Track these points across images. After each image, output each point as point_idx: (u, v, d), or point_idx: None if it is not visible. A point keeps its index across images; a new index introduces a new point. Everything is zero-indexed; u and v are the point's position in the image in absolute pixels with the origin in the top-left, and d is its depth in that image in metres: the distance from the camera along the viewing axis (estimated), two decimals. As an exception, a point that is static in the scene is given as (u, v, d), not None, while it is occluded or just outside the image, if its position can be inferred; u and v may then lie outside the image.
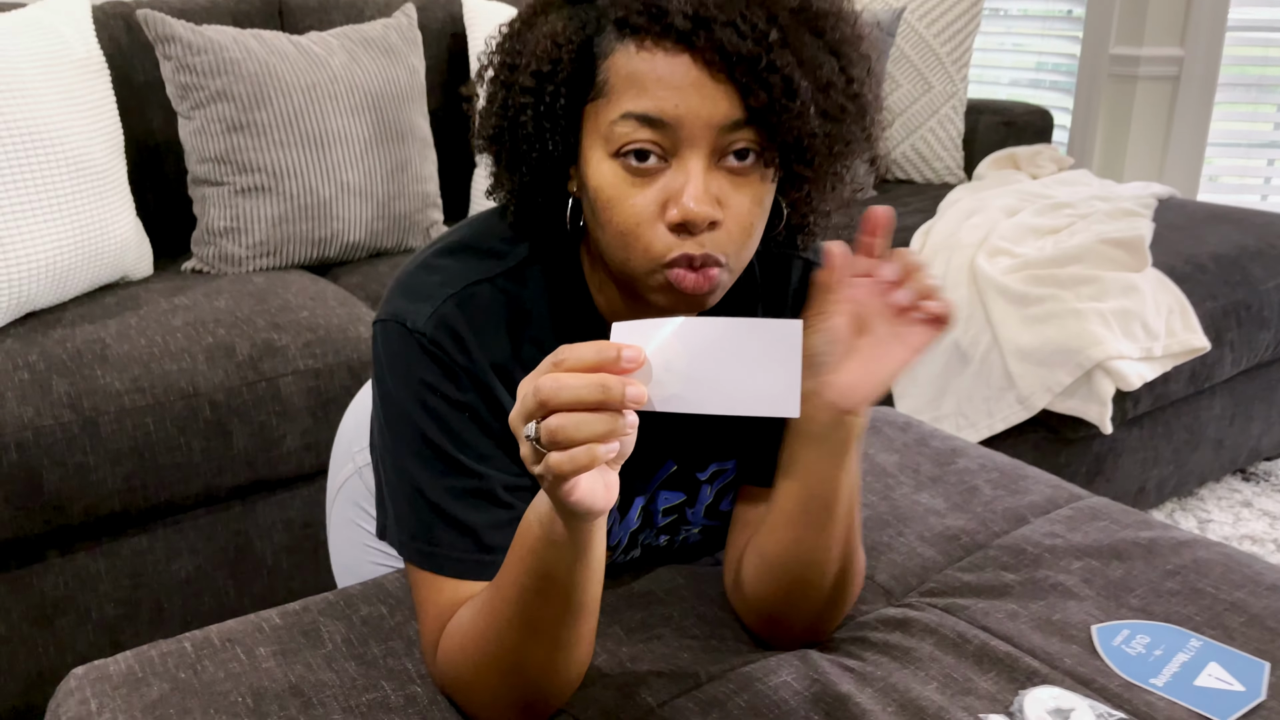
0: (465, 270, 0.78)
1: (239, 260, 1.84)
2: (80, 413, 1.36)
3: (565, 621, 0.70)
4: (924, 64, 2.62)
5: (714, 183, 0.69)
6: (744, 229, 0.71)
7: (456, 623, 0.74)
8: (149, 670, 0.84)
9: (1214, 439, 2.01)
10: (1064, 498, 1.12)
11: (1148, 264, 1.81)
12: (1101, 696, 0.81)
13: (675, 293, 0.71)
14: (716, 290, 0.72)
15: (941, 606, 0.93)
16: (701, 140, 0.68)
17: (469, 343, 0.76)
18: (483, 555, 0.76)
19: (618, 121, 0.68)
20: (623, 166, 0.69)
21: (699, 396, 0.59)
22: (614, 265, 0.74)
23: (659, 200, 0.69)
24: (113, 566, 1.44)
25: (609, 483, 0.61)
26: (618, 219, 0.70)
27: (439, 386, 0.75)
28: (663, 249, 0.69)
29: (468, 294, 0.77)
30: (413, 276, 0.79)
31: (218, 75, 1.79)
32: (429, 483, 0.76)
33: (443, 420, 0.75)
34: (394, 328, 0.77)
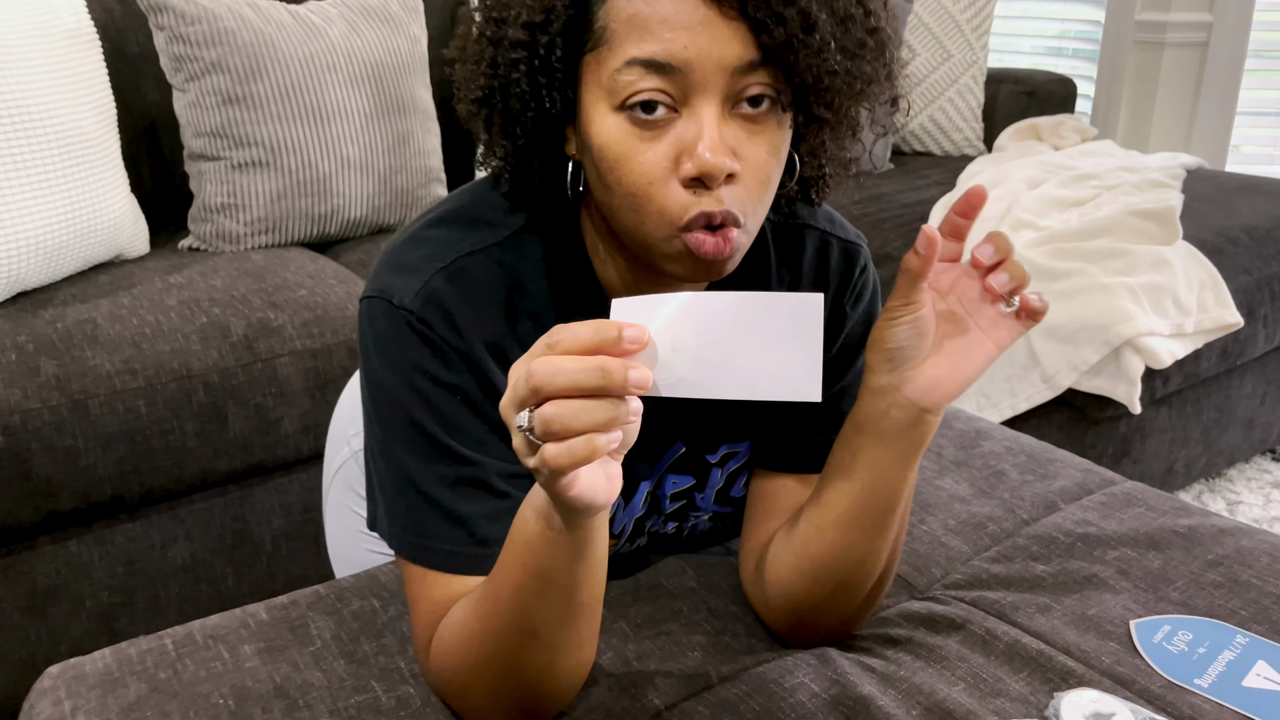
0: (456, 241, 0.72)
1: (237, 237, 1.79)
2: (69, 395, 1.31)
3: (565, 623, 0.64)
4: (943, 31, 2.54)
5: (729, 132, 0.63)
6: (761, 182, 0.65)
7: (450, 621, 0.69)
8: (127, 669, 0.79)
9: (1244, 418, 1.95)
10: (1096, 483, 1.06)
11: (1179, 236, 1.73)
12: (1143, 699, 0.76)
13: (694, 260, 0.65)
14: (735, 255, 0.66)
15: (968, 600, 0.88)
16: (714, 85, 0.62)
17: (460, 320, 0.70)
18: (477, 548, 0.71)
19: (621, 70, 0.62)
20: (629, 120, 0.63)
21: (710, 380, 0.53)
22: (624, 232, 0.67)
23: (671, 155, 0.63)
24: (106, 554, 1.40)
25: (611, 475, 0.55)
26: (627, 179, 0.64)
27: (428, 367, 0.70)
28: (679, 209, 0.63)
29: (458, 267, 0.71)
30: (400, 250, 0.73)
31: (212, 46, 1.73)
32: (419, 470, 0.70)
33: (432, 404, 0.70)
34: (379, 304, 0.71)
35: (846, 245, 0.83)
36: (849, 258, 0.82)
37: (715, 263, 0.65)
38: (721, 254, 0.64)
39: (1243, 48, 2.61)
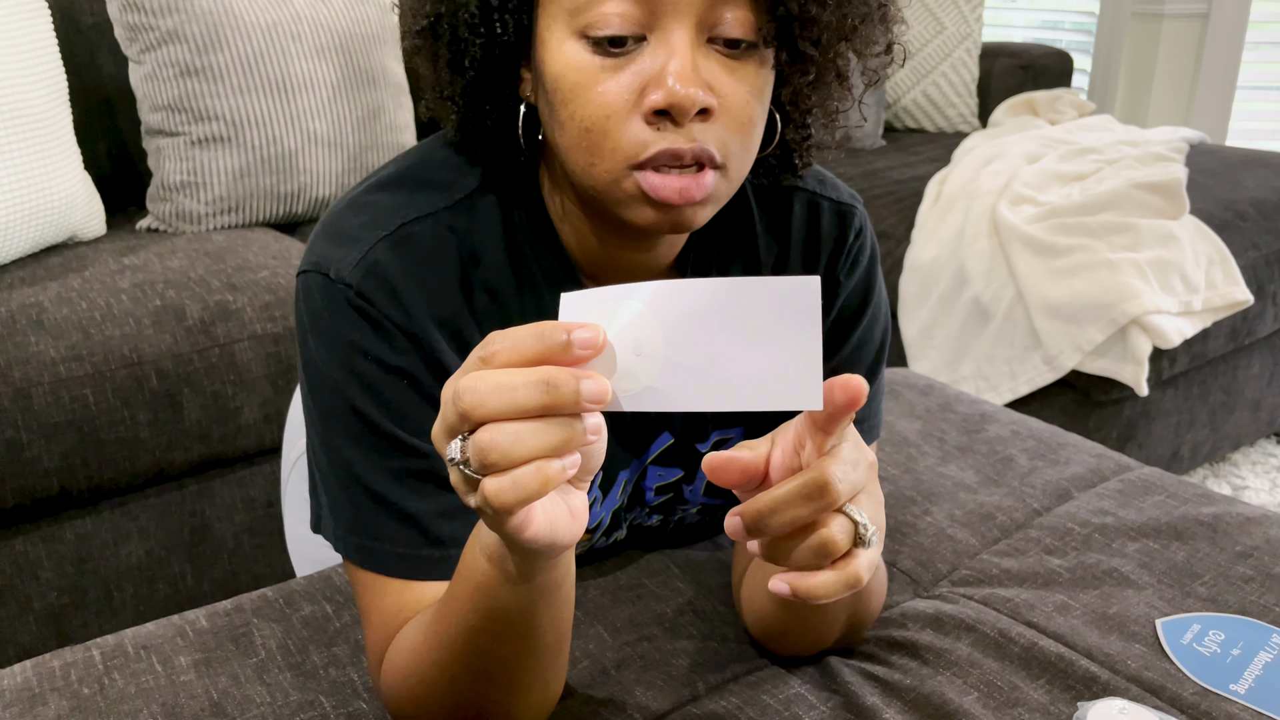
0: (401, 206, 0.64)
1: (197, 217, 1.70)
2: (11, 384, 1.23)
3: (526, 665, 0.56)
4: (936, 3, 2.46)
5: (704, 65, 0.55)
6: (741, 123, 0.56)
7: (400, 644, 0.61)
8: (47, 685, 0.71)
9: (1251, 400, 1.88)
10: (1111, 469, 0.99)
11: (1186, 210, 1.66)
12: (1175, 707, 0.68)
13: (649, 205, 0.56)
14: (709, 203, 0.57)
15: (978, 599, 0.80)
16: (685, 10, 0.54)
17: (404, 295, 0.62)
18: (431, 550, 0.62)
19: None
20: (590, 48, 0.55)
21: (684, 389, 0.43)
22: (575, 176, 0.59)
23: (635, 86, 0.55)
24: (54, 552, 1.31)
25: (575, 507, 0.46)
26: (581, 111, 0.55)
27: (369, 348, 0.61)
28: (635, 146, 0.55)
29: (404, 234, 0.62)
30: (339, 217, 0.64)
31: (169, 14, 1.64)
32: (363, 464, 0.62)
33: (375, 389, 0.61)
34: (315, 279, 0.62)
35: (839, 207, 0.74)
36: (843, 221, 0.74)
37: (678, 208, 0.56)
38: (689, 198, 0.55)
39: (1244, 20, 2.54)
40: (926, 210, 1.83)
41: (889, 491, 0.95)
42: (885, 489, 0.95)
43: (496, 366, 0.42)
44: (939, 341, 1.72)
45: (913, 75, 2.49)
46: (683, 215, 0.57)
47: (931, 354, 1.73)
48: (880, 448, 1.02)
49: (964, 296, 1.68)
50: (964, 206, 1.76)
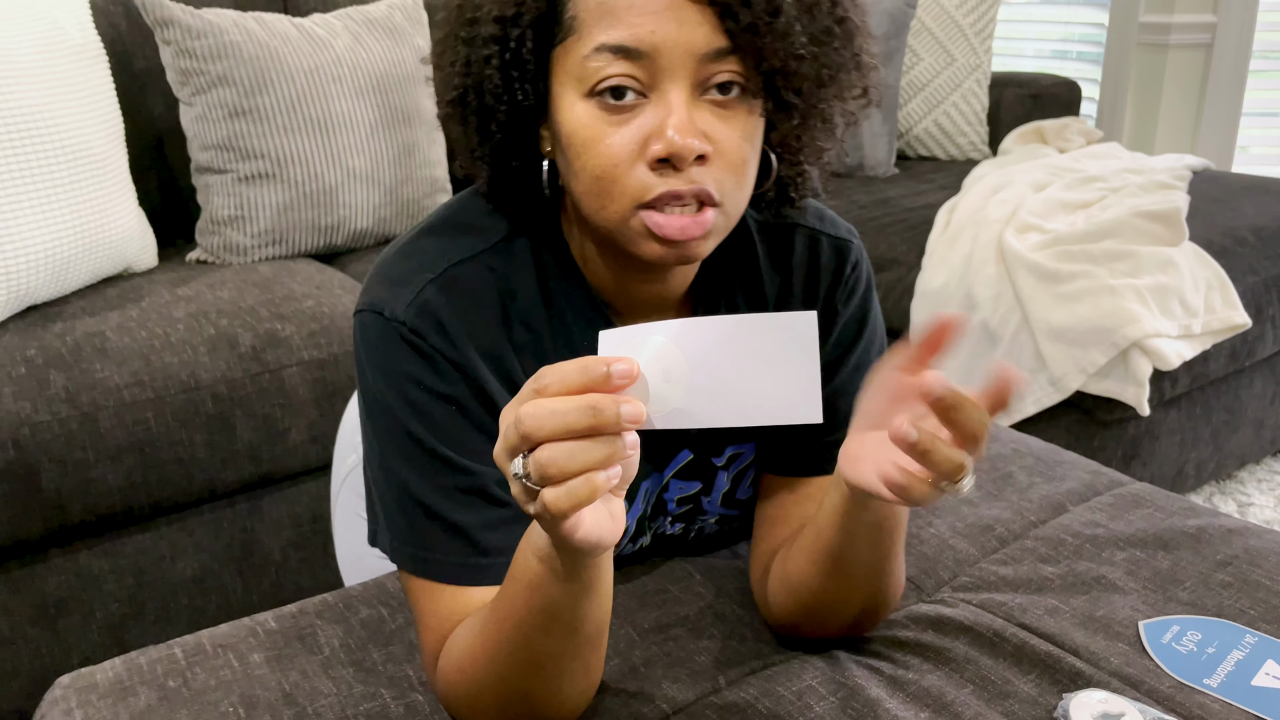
0: (446, 251, 0.72)
1: (244, 250, 1.80)
2: (79, 408, 1.32)
3: (570, 654, 0.64)
4: (946, 36, 2.54)
5: (699, 116, 0.63)
6: (735, 165, 0.65)
7: (455, 642, 0.69)
8: (137, 678, 0.79)
9: (1254, 419, 1.94)
10: (1104, 484, 1.06)
11: (1185, 237, 1.73)
12: (1152, 699, 0.75)
13: (655, 241, 0.64)
14: (710, 237, 0.66)
15: (976, 603, 0.87)
16: (682, 70, 0.62)
17: (452, 330, 0.70)
18: (480, 558, 0.71)
19: (590, 56, 0.62)
20: (598, 106, 0.63)
21: (705, 408, 0.52)
22: (590, 220, 0.68)
23: (638, 138, 0.63)
24: (116, 565, 1.40)
25: (615, 512, 0.55)
26: (592, 162, 0.64)
27: (422, 378, 0.70)
28: (640, 189, 0.63)
29: (449, 276, 0.71)
30: (390, 262, 0.73)
31: (218, 59, 1.74)
32: (416, 482, 0.70)
33: (427, 415, 0.70)
34: (371, 318, 0.71)
35: (837, 241, 0.82)
36: (840, 254, 0.82)
37: (681, 245, 0.64)
38: (691, 233, 0.64)
39: (1247, 48, 2.60)
40: (936, 237, 1.90)
41: (895, 506, 1.02)
42: (892, 503, 1.02)
43: (548, 395, 0.50)
44: (948, 365, 1.79)
45: (924, 106, 2.57)
46: (686, 249, 0.65)
47: (942, 376, 1.80)
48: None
49: (972, 321, 1.75)
50: (972, 234, 1.84)
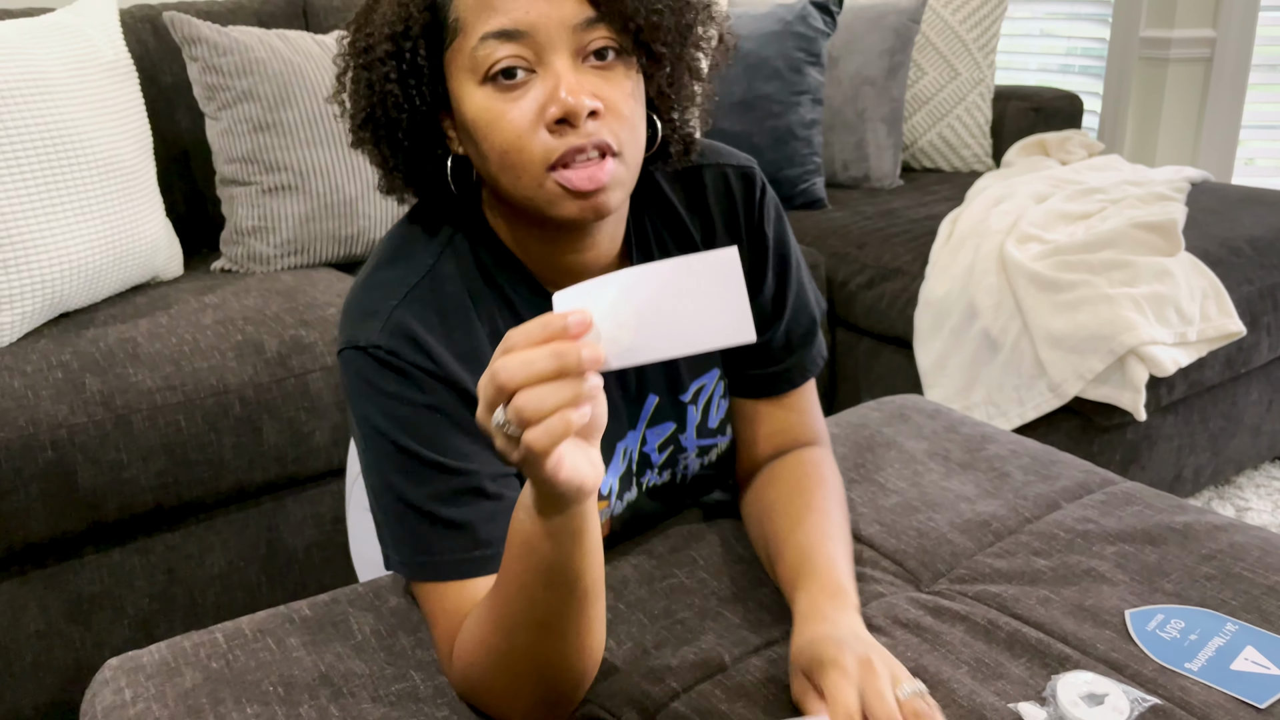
0: (402, 277, 0.79)
1: (267, 259, 1.86)
2: (113, 410, 1.38)
3: (573, 610, 0.69)
4: (950, 51, 2.60)
5: (584, 80, 0.71)
6: (624, 117, 0.72)
7: (466, 632, 0.74)
8: (182, 660, 0.85)
9: (1251, 425, 1.98)
10: (1096, 482, 1.11)
11: (1181, 248, 1.78)
12: (1135, 681, 0.80)
13: (571, 196, 0.72)
14: (613, 187, 0.73)
15: (972, 594, 0.92)
16: (560, 42, 0.70)
17: (426, 343, 0.76)
18: (482, 550, 0.76)
19: (478, 46, 0.70)
20: (494, 88, 0.71)
21: (654, 344, 0.58)
22: (507, 193, 0.75)
23: (535, 109, 0.70)
24: (147, 562, 1.46)
25: (593, 460, 0.60)
26: (498, 139, 0.71)
27: (404, 394, 0.76)
28: (545, 153, 0.70)
29: (413, 297, 0.77)
30: (356, 301, 0.79)
31: (244, 75, 1.80)
32: (413, 492, 0.76)
33: (414, 427, 0.75)
34: (351, 353, 0.77)
35: (742, 170, 0.90)
36: (747, 180, 0.90)
37: (593, 193, 0.71)
38: (598, 183, 0.71)
39: (1247, 62, 2.65)
40: (939, 248, 1.95)
41: (898, 502, 1.07)
42: (894, 500, 1.07)
43: (516, 352, 0.56)
44: (951, 371, 1.84)
45: (929, 119, 2.63)
46: (598, 199, 0.72)
47: (945, 382, 1.85)
48: (890, 464, 1.15)
49: (974, 329, 1.80)
50: (974, 245, 1.89)
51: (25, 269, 1.51)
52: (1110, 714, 0.75)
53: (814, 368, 0.97)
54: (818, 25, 2.33)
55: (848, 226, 2.18)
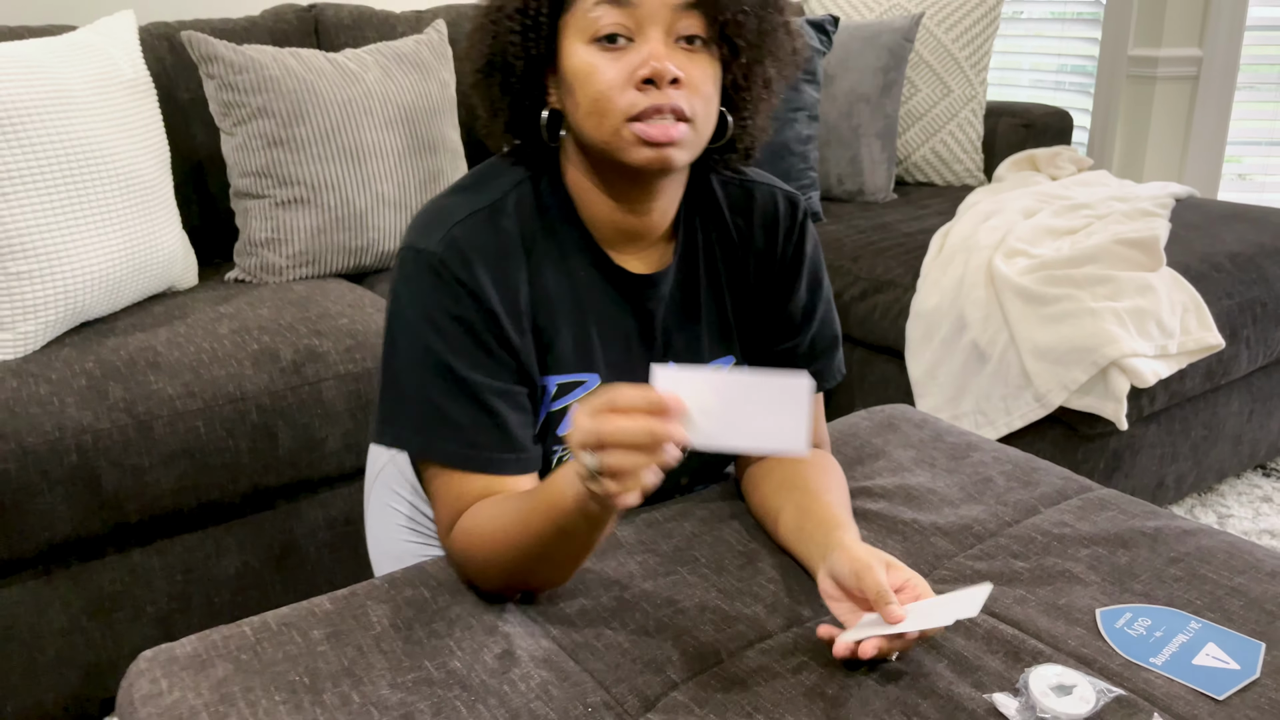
0: (468, 202, 0.92)
1: (279, 270, 1.92)
2: (135, 416, 1.44)
3: (572, 559, 0.83)
4: (943, 68, 2.66)
5: (672, 55, 0.85)
6: (700, 92, 0.86)
7: (473, 523, 0.88)
8: (213, 652, 0.90)
9: (1232, 435, 2.04)
10: (1074, 489, 1.17)
11: (1162, 264, 1.84)
12: (1103, 674, 0.86)
13: (643, 145, 0.84)
14: (681, 145, 0.85)
15: (953, 592, 0.98)
16: (659, 18, 0.84)
17: (472, 262, 0.89)
18: (468, 450, 0.90)
19: (591, 9, 0.84)
20: (598, 48, 0.85)
21: (727, 436, 0.72)
22: (588, 137, 0.87)
23: (627, 71, 0.84)
24: (166, 563, 1.51)
25: (647, 488, 0.71)
26: (592, 88, 0.85)
27: (440, 300, 0.89)
28: (629, 105, 0.84)
29: (472, 221, 0.91)
30: (426, 214, 0.93)
31: (259, 93, 1.87)
32: (429, 384, 0.89)
33: (439, 330, 0.89)
34: (408, 251, 0.91)
35: (790, 195, 1.05)
36: (793, 204, 1.05)
37: (663, 145, 0.84)
38: (670, 137, 0.84)
39: (1232, 80, 2.72)
40: (930, 261, 2.02)
41: (883, 508, 1.13)
42: (880, 504, 1.13)
43: (619, 411, 0.69)
44: (941, 381, 1.90)
45: (922, 134, 2.69)
46: (665, 153, 0.85)
47: (935, 392, 1.91)
48: (877, 473, 1.21)
49: (963, 340, 1.86)
50: (963, 259, 1.95)
51: (49, 279, 1.57)
52: (1077, 704, 0.80)
53: (830, 380, 1.10)
54: (814, 43, 2.40)
55: (842, 240, 2.24)
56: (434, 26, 2.15)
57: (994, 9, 2.65)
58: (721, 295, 1.04)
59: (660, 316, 1.00)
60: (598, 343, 0.98)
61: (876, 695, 0.83)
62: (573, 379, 0.98)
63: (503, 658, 0.88)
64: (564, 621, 0.92)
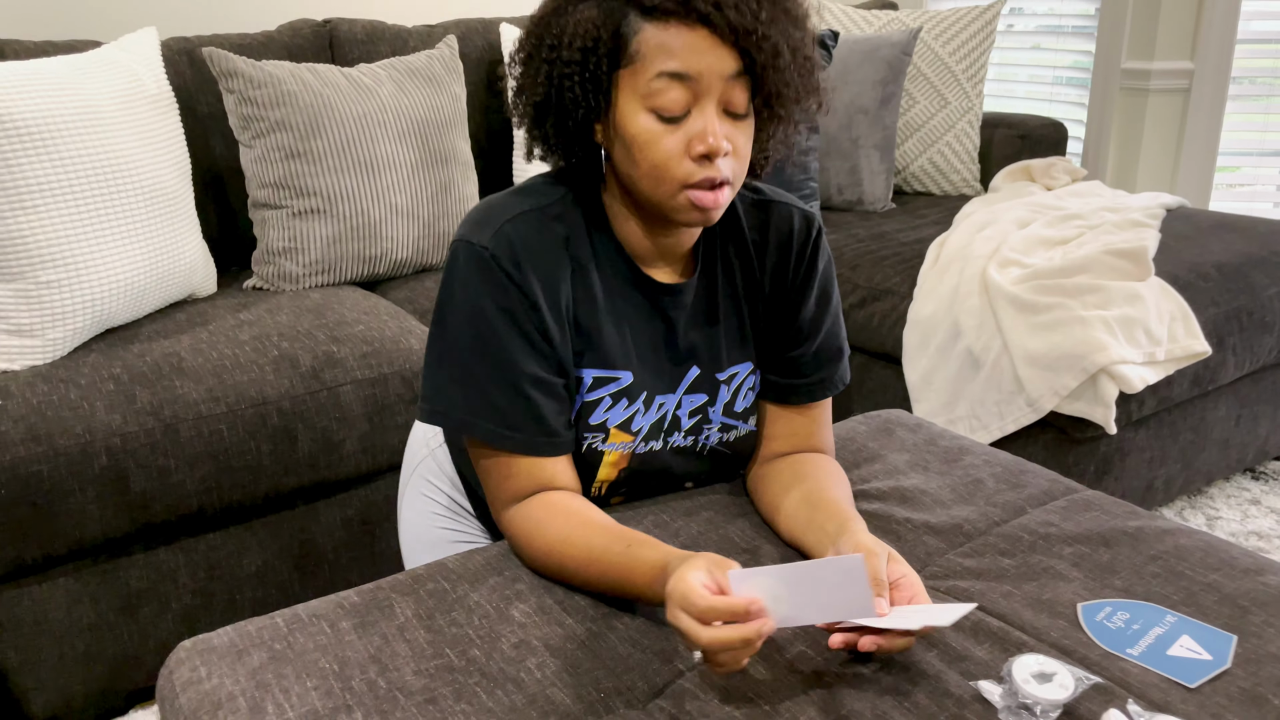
0: (521, 203, 1.01)
1: (296, 278, 1.98)
2: (162, 420, 1.50)
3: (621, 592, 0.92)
4: (940, 81, 2.73)
5: (723, 127, 0.94)
6: (743, 159, 0.97)
7: (538, 524, 1.00)
8: (248, 642, 0.96)
9: (1220, 439, 2.10)
10: (1060, 490, 1.23)
11: (1151, 273, 1.90)
12: (1082, 664, 0.92)
13: (695, 209, 0.95)
14: (723, 206, 0.96)
15: (943, 589, 1.04)
16: (714, 90, 0.92)
17: (519, 257, 0.98)
18: (507, 431, 1.00)
19: (654, 80, 0.91)
20: (656, 117, 0.93)
21: (804, 615, 0.83)
22: (643, 195, 0.97)
23: (684, 141, 0.93)
24: (190, 561, 1.58)
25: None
26: (652, 156, 0.93)
27: (488, 290, 0.98)
28: (686, 175, 0.94)
29: (523, 220, 1.00)
30: (479, 210, 1.02)
31: (277, 107, 1.93)
32: (475, 368, 0.98)
33: (485, 318, 0.98)
34: (462, 245, 0.99)
35: (806, 213, 1.12)
36: (808, 221, 1.13)
37: (711, 210, 0.95)
38: (719, 203, 0.95)
39: (1223, 93, 2.78)
40: (926, 271, 2.08)
41: (879, 509, 1.19)
42: (876, 505, 1.19)
43: (712, 620, 0.80)
44: (937, 386, 1.96)
45: (920, 145, 2.75)
46: (710, 214, 0.96)
47: (931, 397, 1.97)
48: (873, 476, 1.27)
49: (958, 347, 1.92)
50: (959, 268, 2.01)
51: (76, 288, 1.63)
52: (1057, 690, 0.86)
53: (834, 387, 1.17)
54: (814, 57, 2.46)
55: (841, 249, 2.30)
56: (445, 42, 2.21)
57: (990, 23, 2.71)
58: (739, 305, 1.13)
59: (683, 322, 1.10)
60: (630, 342, 1.07)
61: (870, 682, 0.89)
62: (608, 374, 1.07)
63: (519, 646, 0.94)
64: (577, 612, 0.98)
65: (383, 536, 1.75)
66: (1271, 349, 2.05)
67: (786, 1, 0.95)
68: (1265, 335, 2.01)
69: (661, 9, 0.90)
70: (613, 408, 1.07)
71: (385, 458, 1.67)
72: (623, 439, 1.09)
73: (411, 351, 1.71)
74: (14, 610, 1.46)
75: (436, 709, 0.87)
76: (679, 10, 0.90)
